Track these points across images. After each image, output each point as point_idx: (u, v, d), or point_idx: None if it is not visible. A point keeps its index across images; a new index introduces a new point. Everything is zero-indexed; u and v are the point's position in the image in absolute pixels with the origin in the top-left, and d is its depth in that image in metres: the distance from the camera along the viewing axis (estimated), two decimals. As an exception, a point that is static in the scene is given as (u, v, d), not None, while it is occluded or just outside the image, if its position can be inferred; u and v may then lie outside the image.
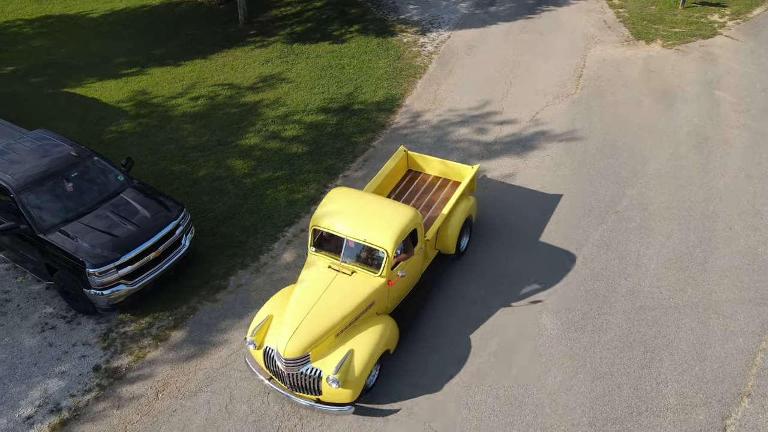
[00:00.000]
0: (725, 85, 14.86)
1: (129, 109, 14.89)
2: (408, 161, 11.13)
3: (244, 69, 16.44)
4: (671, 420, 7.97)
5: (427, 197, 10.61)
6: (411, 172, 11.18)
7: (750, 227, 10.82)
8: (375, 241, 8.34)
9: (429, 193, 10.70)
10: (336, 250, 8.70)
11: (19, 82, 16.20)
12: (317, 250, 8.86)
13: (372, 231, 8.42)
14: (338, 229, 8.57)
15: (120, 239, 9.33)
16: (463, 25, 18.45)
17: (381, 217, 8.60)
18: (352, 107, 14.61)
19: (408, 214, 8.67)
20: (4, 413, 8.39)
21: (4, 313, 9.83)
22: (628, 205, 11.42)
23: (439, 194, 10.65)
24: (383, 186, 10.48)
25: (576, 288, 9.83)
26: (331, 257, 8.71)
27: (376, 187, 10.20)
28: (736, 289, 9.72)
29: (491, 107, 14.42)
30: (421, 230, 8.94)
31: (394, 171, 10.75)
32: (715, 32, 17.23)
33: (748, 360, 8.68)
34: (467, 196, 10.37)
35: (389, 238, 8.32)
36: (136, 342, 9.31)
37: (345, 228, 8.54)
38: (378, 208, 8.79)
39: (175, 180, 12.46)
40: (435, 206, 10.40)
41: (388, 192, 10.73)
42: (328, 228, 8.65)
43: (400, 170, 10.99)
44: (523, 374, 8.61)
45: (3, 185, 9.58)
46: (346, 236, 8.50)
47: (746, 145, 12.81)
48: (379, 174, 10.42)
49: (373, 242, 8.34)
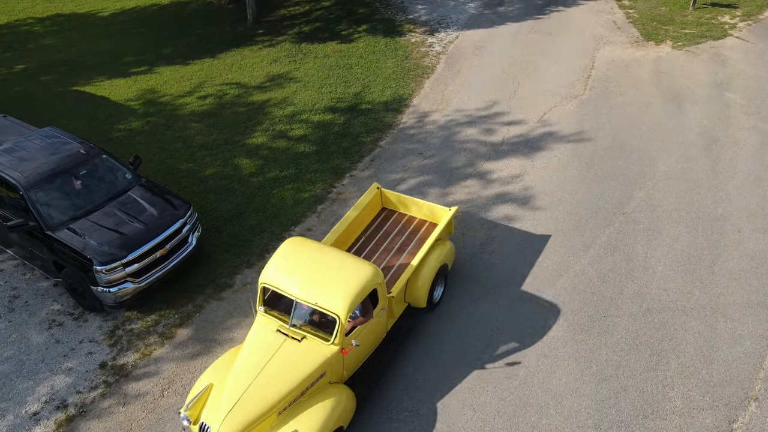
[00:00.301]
0: (735, 86, 14.75)
1: (137, 108, 14.96)
2: (382, 199, 10.25)
3: (252, 68, 16.48)
4: (677, 423, 7.92)
5: (401, 239, 9.76)
6: (385, 210, 10.29)
7: (759, 230, 10.74)
8: (327, 306, 7.43)
9: (403, 234, 9.84)
10: (286, 311, 7.86)
11: (29, 81, 16.31)
12: (266, 310, 8.00)
13: (324, 293, 7.52)
14: (288, 288, 7.68)
15: (127, 237, 9.38)
16: (472, 25, 18.41)
17: (336, 277, 7.67)
18: (360, 107, 14.62)
19: (366, 273, 7.73)
20: (11, 409, 8.45)
21: (12, 309, 9.90)
22: (636, 206, 11.36)
23: (414, 236, 9.78)
24: (355, 225, 9.70)
25: (582, 290, 9.79)
26: (280, 319, 7.88)
27: (348, 226, 9.44)
28: (744, 292, 9.65)
29: (499, 108, 14.38)
30: (383, 289, 8.01)
31: (367, 209, 9.91)
32: (725, 33, 17.10)
33: (755, 363, 8.61)
34: (443, 241, 9.55)
35: (342, 303, 7.40)
36: (143, 339, 9.35)
37: (295, 288, 7.65)
38: (334, 265, 7.83)
39: (183, 178, 12.51)
40: (409, 250, 9.56)
41: (360, 231, 9.91)
42: (277, 287, 7.76)
43: (373, 208, 10.12)
44: (528, 376, 8.58)
45: (12, 182, 9.65)
46: (296, 298, 7.64)
47: (756, 147, 12.72)
48: (350, 212, 9.63)
49: (325, 307, 7.44)
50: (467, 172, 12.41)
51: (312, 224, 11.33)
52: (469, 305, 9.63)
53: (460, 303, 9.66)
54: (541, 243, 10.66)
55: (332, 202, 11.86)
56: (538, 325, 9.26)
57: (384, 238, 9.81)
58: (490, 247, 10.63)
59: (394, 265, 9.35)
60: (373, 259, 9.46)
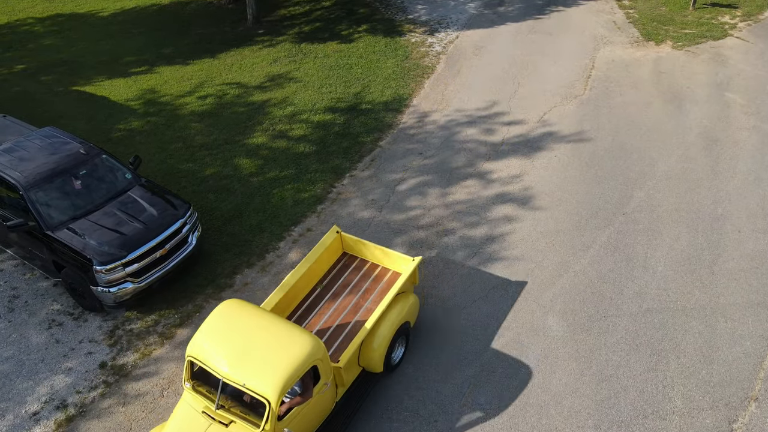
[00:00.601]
0: (735, 86, 14.74)
1: (137, 108, 14.96)
2: (342, 243, 9.44)
3: (252, 68, 16.48)
4: (677, 424, 7.92)
5: (362, 287, 8.91)
6: (347, 255, 9.47)
7: (759, 230, 10.73)
8: (256, 388, 6.56)
9: (363, 284, 8.95)
10: (214, 389, 7.07)
11: (29, 80, 16.31)
12: (194, 386, 7.16)
13: (254, 373, 6.64)
14: (216, 364, 6.81)
15: (127, 237, 9.37)
16: (472, 25, 18.41)
17: (269, 353, 6.77)
18: (360, 107, 14.62)
19: (305, 348, 6.84)
20: (11, 409, 8.45)
21: (12, 309, 9.90)
22: (636, 206, 11.35)
23: (376, 286, 8.92)
24: (313, 271, 8.88)
25: (582, 290, 9.79)
26: (208, 397, 7.06)
27: (305, 273, 8.61)
28: (744, 292, 9.65)
29: (499, 108, 14.38)
30: (326, 364, 7.13)
31: (326, 255, 9.09)
32: (725, 33, 17.10)
33: (755, 364, 8.61)
34: (407, 294, 8.66)
35: (273, 385, 6.52)
36: (142, 339, 9.35)
37: (223, 364, 6.77)
38: (270, 338, 6.94)
39: (183, 178, 12.51)
40: (368, 304, 8.65)
41: (318, 278, 9.08)
42: (204, 362, 6.90)
43: (333, 253, 9.29)
44: (528, 376, 8.57)
45: (12, 182, 9.65)
46: (223, 377, 6.76)
47: (756, 147, 12.71)
48: (306, 258, 8.76)
49: (254, 389, 6.57)
50: (467, 172, 12.41)
51: (312, 224, 11.33)
52: (469, 305, 9.63)
53: (461, 303, 9.66)
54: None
55: (332, 202, 11.86)
56: (538, 325, 9.25)
57: (342, 288, 8.95)
58: (490, 247, 10.63)
59: (350, 321, 8.46)
60: (328, 313, 8.63)
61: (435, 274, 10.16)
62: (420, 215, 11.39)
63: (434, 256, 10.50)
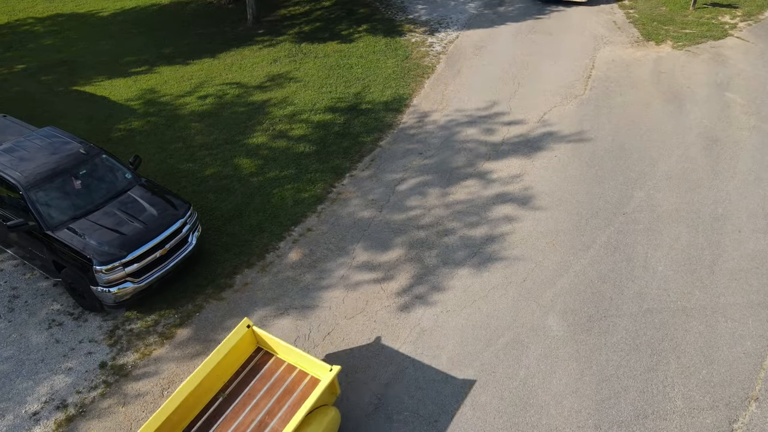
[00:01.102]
0: (735, 86, 14.74)
1: (138, 108, 14.96)
2: (256, 338, 8.27)
3: (252, 68, 16.48)
4: (678, 424, 7.91)
5: (276, 393, 7.71)
6: (261, 350, 8.31)
7: (759, 230, 10.73)
8: None
9: (276, 390, 7.75)
10: None
11: (29, 80, 16.31)
12: None
13: None
14: None
15: (127, 237, 9.37)
16: (472, 25, 18.41)
17: None
18: (360, 107, 14.61)
19: None
20: (11, 409, 8.44)
21: (12, 309, 9.90)
22: (636, 207, 11.35)
23: (289, 396, 7.68)
24: (222, 369, 7.82)
25: (583, 290, 9.78)
26: None
27: (208, 375, 7.55)
28: (744, 292, 9.64)
29: (499, 108, 14.38)
30: None
31: (236, 351, 7.99)
32: (726, 33, 17.10)
33: (756, 364, 8.60)
34: (325, 409, 7.50)
35: None
36: (142, 339, 9.34)
37: None
38: None
39: (183, 178, 12.50)
40: (278, 419, 7.40)
41: (229, 376, 7.95)
42: None
43: (245, 349, 8.18)
44: (528, 376, 8.57)
45: (12, 182, 9.65)
46: None
47: (756, 147, 12.71)
48: (213, 355, 7.68)
49: None
50: (467, 172, 12.41)
51: (312, 224, 11.33)
52: (469, 305, 9.62)
53: (461, 303, 9.65)
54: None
55: (332, 202, 11.85)
56: (538, 325, 9.25)
57: (255, 391, 7.76)
58: (490, 247, 10.64)
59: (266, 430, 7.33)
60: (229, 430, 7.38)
61: (435, 273, 10.16)
62: (420, 215, 11.39)
63: (434, 256, 10.50)
